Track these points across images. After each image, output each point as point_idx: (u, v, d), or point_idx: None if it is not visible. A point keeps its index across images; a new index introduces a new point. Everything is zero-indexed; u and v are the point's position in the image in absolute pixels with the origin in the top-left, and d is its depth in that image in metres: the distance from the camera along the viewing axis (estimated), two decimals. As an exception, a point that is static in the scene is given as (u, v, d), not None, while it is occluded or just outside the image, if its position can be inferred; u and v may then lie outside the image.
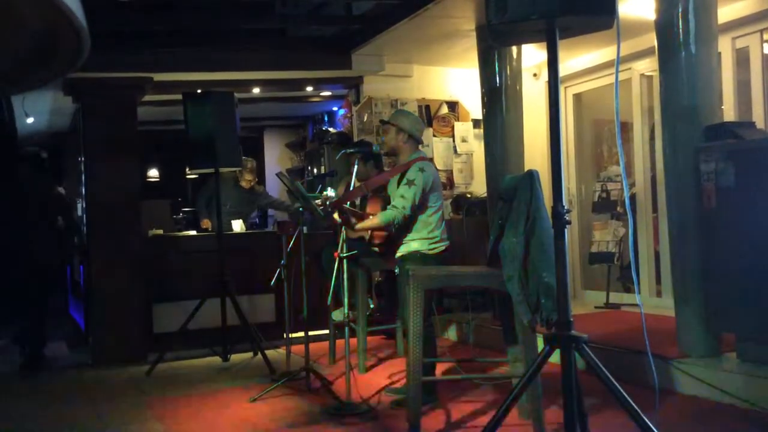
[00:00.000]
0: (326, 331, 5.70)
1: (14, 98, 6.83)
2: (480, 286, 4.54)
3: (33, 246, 6.06)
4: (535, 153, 6.77)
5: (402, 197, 4.25)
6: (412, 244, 4.35)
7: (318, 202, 4.48)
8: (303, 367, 4.64)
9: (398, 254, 4.41)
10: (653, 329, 4.72)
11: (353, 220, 4.39)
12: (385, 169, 5.64)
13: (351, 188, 4.50)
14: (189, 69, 6.44)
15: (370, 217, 4.47)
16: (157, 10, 6.55)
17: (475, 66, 6.17)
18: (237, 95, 5.89)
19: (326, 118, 8.65)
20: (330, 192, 4.42)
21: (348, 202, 4.61)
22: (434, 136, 7.40)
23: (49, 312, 6.38)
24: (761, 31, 5.48)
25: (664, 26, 4.35)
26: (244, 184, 7.23)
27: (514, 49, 5.87)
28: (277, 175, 4.99)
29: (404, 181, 4.31)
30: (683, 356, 4.23)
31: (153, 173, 11.70)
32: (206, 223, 7.07)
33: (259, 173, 9.79)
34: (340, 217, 4.33)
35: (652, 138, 6.45)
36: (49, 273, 6.26)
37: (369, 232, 4.59)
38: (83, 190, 6.57)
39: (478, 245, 6.37)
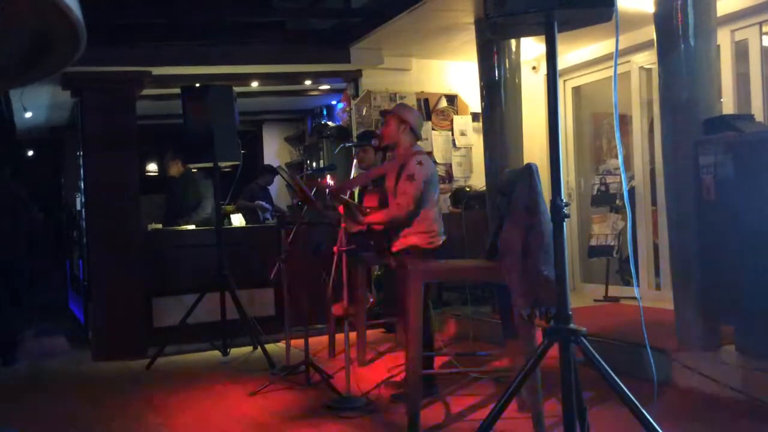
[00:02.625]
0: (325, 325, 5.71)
1: (12, 93, 6.83)
2: (479, 279, 4.55)
3: None
4: (534, 146, 6.76)
5: (404, 193, 4.24)
6: (410, 239, 4.34)
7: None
8: (302, 360, 4.65)
9: (396, 248, 4.40)
10: (652, 322, 4.72)
11: (359, 216, 4.38)
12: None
13: (351, 177, 4.50)
14: (187, 63, 6.43)
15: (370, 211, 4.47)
16: (155, 4, 6.53)
17: (474, 59, 6.15)
18: (236, 89, 5.89)
19: (325, 112, 8.62)
20: (329, 180, 4.39)
21: (347, 191, 4.60)
22: (433, 129, 7.39)
23: (24, 305, 6.37)
24: (760, 24, 5.46)
25: (663, 19, 4.34)
26: (173, 173, 7.00)
27: (513, 42, 5.86)
28: (276, 168, 4.99)
29: (404, 176, 4.29)
30: (682, 349, 4.24)
31: (152, 167, 11.69)
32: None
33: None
34: (343, 209, 4.32)
35: (651, 131, 6.44)
36: (6, 265, 6.21)
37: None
38: (82, 184, 6.57)
39: (477, 239, 6.37)
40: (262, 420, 3.94)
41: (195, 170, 6.88)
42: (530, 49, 6.65)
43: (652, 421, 2.38)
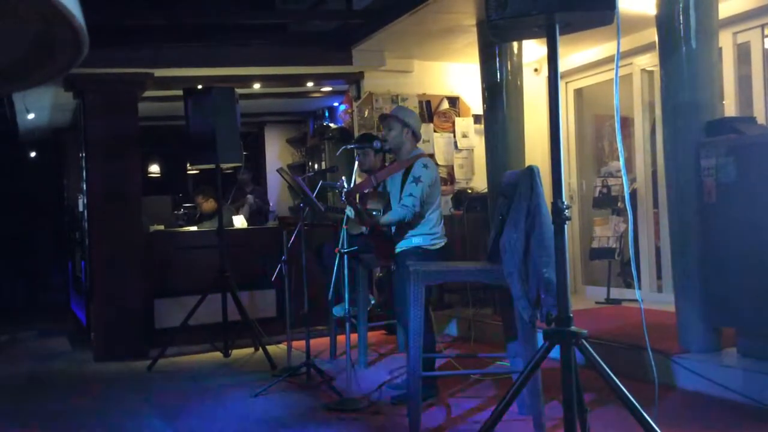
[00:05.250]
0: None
1: (15, 94, 6.84)
2: (480, 281, 4.54)
3: None
4: (535, 148, 6.75)
5: (410, 195, 4.25)
6: (413, 240, 4.35)
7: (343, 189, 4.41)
8: (304, 362, 4.65)
9: (397, 249, 4.40)
10: (654, 324, 4.72)
11: (367, 219, 4.38)
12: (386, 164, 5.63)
13: (353, 180, 4.51)
14: (190, 65, 6.43)
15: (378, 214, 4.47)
16: (157, 6, 6.54)
17: (475, 61, 6.16)
18: (237, 91, 5.89)
19: (327, 114, 8.63)
20: (344, 182, 4.40)
21: (357, 194, 4.60)
22: (435, 131, 7.39)
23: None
24: (762, 26, 5.46)
25: (665, 21, 4.34)
26: (206, 209, 7.24)
27: (515, 44, 5.86)
28: (277, 170, 4.99)
29: (410, 178, 4.30)
30: (683, 351, 4.24)
31: (154, 169, 11.70)
32: None
33: (260, 169, 9.80)
34: (353, 209, 4.32)
35: (653, 133, 6.44)
36: None
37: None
38: (84, 185, 6.57)
39: (478, 241, 6.38)
40: (263, 421, 3.94)
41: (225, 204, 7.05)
42: (532, 51, 6.65)
43: (653, 423, 2.38)
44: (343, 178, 4.30)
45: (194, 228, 6.79)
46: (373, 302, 5.61)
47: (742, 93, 5.65)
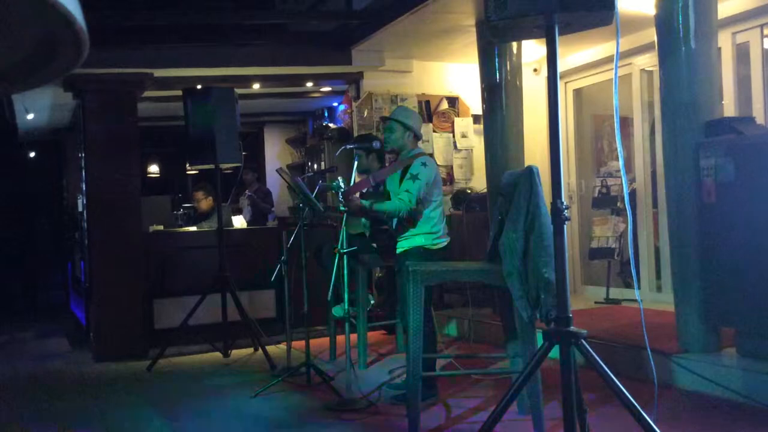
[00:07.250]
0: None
1: (14, 95, 6.84)
2: (480, 281, 4.54)
3: None
4: (535, 148, 6.76)
5: (407, 191, 4.24)
6: (415, 239, 4.34)
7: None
8: (303, 362, 4.65)
9: (400, 249, 4.40)
10: (653, 324, 4.73)
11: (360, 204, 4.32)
12: (386, 164, 5.63)
13: (353, 180, 4.51)
14: (189, 65, 6.44)
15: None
16: (157, 6, 6.54)
17: (475, 61, 6.16)
18: (237, 91, 5.89)
19: (326, 114, 8.64)
20: (340, 182, 4.39)
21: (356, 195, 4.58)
22: (434, 131, 7.39)
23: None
24: (761, 26, 5.46)
25: (664, 21, 4.34)
26: (204, 207, 7.06)
27: (515, 44, 5.86)
28: (277, 171, 5.00)
29: (407, 176, 4.30)
30: (683, 351, 4.24)
31: (153, 169, 11.71)
32: None
33: (260, 169, 9.81)
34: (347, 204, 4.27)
35: (652, 133, 6.44)
36: None
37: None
38: (83, 186, 6.58)
39: (478, 241, 6.37)
40: (263, 421, 3.94)
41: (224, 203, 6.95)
42: (531, 51, 6.65)
43: (652, 423, 2.38)
44: (340, 178, 4.29)
45: (193, 228, 6.79)
46: (372, 302, 5.61)
47: (741, 93, 5.66)
